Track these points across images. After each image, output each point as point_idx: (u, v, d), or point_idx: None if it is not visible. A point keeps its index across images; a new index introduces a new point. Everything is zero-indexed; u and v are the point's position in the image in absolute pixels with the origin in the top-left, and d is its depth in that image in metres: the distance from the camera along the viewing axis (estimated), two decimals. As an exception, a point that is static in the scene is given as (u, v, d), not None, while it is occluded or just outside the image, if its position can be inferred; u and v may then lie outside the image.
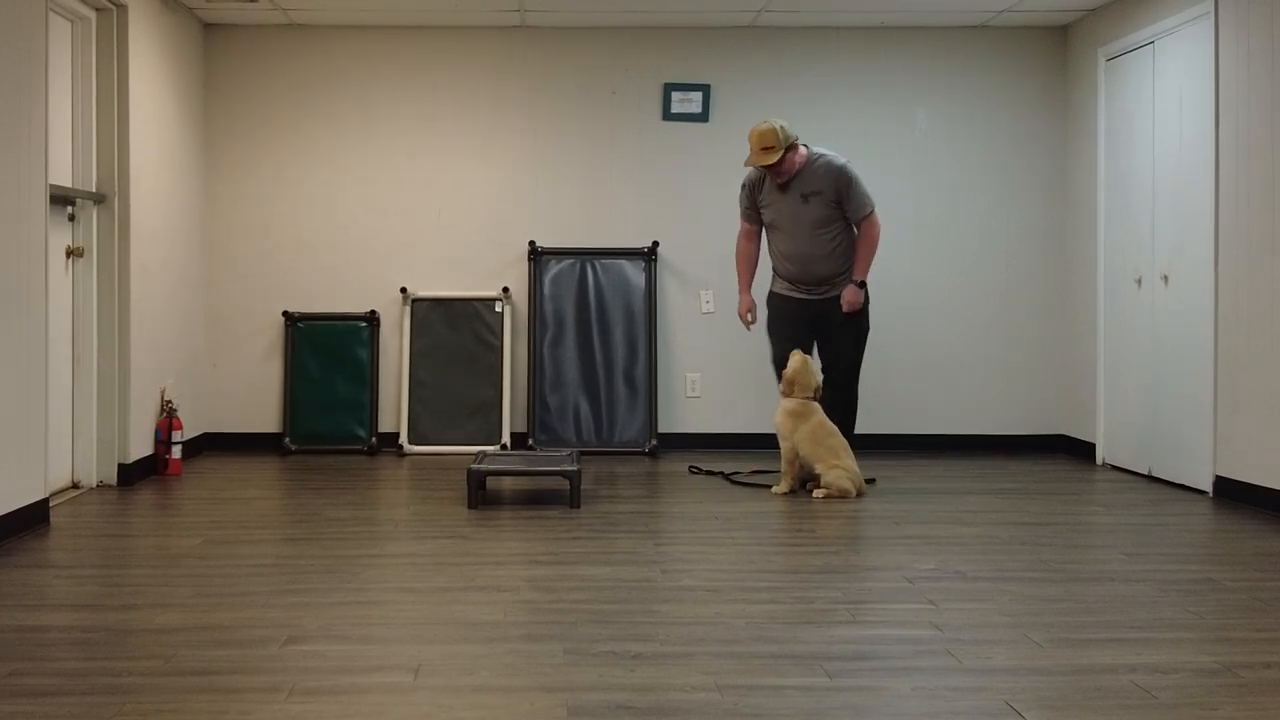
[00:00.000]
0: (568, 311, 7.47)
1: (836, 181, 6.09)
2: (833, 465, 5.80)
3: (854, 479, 5.83)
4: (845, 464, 5.83)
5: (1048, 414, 7.61)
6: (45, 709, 2.88)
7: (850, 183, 6.10)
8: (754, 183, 6.26)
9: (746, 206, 6.32)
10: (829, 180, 6.10)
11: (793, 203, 6.12)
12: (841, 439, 5.90)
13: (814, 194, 6.09)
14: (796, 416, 5.85)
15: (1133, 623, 3.66)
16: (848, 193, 6.11)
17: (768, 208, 6.21)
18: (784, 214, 6.14)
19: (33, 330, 5.03)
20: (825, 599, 3.94)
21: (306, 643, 3.42)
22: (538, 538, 4.88)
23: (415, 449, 7.35)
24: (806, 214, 6.09)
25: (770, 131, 5.98)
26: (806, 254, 6.13)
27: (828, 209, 6.09)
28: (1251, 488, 5.61)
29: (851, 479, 5.82)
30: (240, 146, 7.49)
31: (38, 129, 5.08)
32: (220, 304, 7.49)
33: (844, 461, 5.83)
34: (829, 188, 6.09)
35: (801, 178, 6.10)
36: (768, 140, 5.98)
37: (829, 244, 6.13)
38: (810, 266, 6.15)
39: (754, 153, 6.03)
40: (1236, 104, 5.73)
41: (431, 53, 7.54)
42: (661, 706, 2.92)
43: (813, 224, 6.10)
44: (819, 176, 6.10)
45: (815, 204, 6.09)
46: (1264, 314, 5.52)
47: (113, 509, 5.52)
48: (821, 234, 6.12)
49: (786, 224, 6.15)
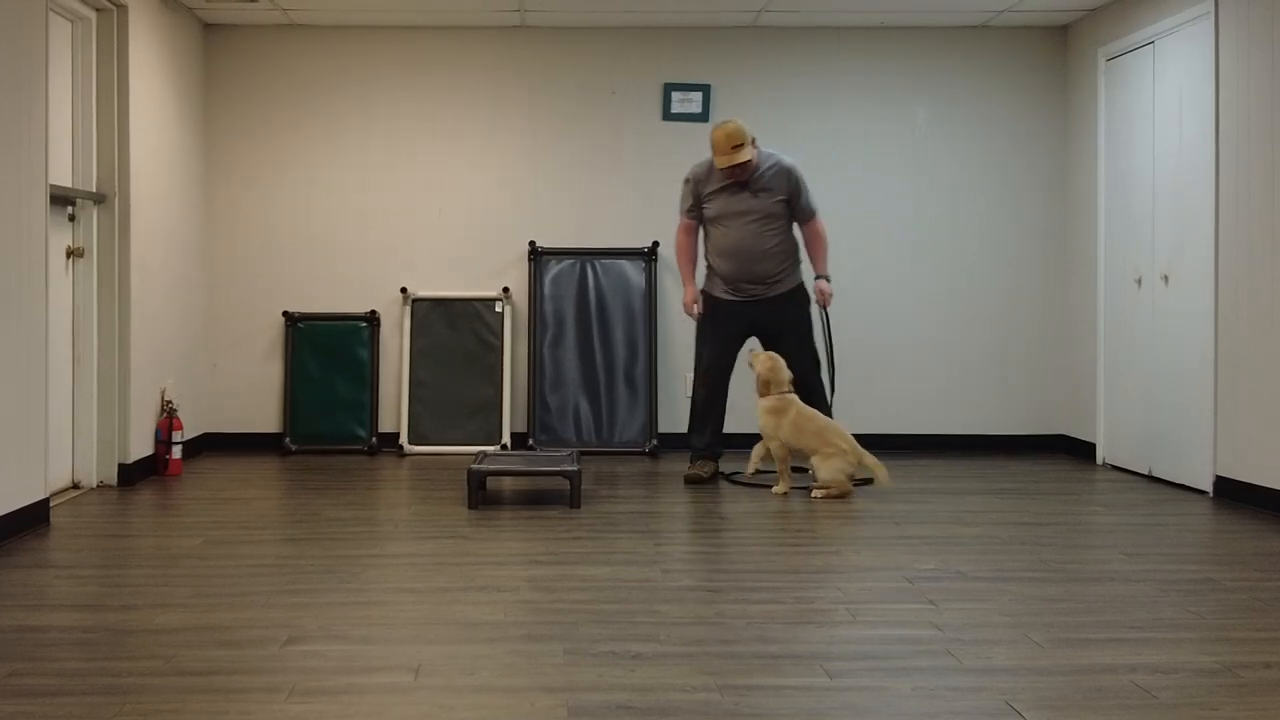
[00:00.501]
0: (568, 311, 7.47)
1: (789, 181, 6.18)
2: (828, 455, 5.78)
3: (851, 463, 5.80)
4: (838, 444, 5.80)
5: (1048, 414, 7.61)
6: (45, 709, 2.88)
7: (801, 182, 6.21)
8: (700, 177, 6.25)
9: (690, 201, 6.29)
10: (781, 179, 6.17)
11: (742, 198, 6.14)
12: (826, 420, 5.90)
13: (764, 191, 6.15)
14: (777, 413, 5.87)
15: (1133, 623, 3.66)
16: (798, 192, 6.20)
17: (713, 202, 6.20)
18: (731, 209, 6.16)
19: (33, 330, 5.03)
20: (825, 599, 3.94)
21: (307, 643, 3.42)
22: (538, 538, 4.88)
23: (415, 449, 7.35)
24: (754, 208, 6.13)
25: (738, 130, 6.00)
26: (750, 249, 6.15)
27: (776, 206, 6.16)
28: (1252, 488, 5.61)
29: (848, 466, 5.79)
30: (240, 146, 7.50)
31: (38, 129, 5.08)
32: (220, 304, 7.50)
33: (836, 443, 5.81)
34: (781, 186, 6.17)
35: (754, 174, 6.15)
36: (737, 139, 6.01)
37: (773, 241, 6.17)
38: (751, 264, 6.16)
39: (723, 153, 6.03)
40: (1236, 104, 5.73)
41: (431, 53, 7.54)
42: (662, 707, 2.92)
43: (758, 219, 6.14)
44: (771, 174, 6.17)
45: (765, 200, 6.15)
46: (1264, 314, 5.52)
47: (113, 509, 5.53)
48: (768, 230, 6.15)
49: (731, 218, 6.16)
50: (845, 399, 7.56)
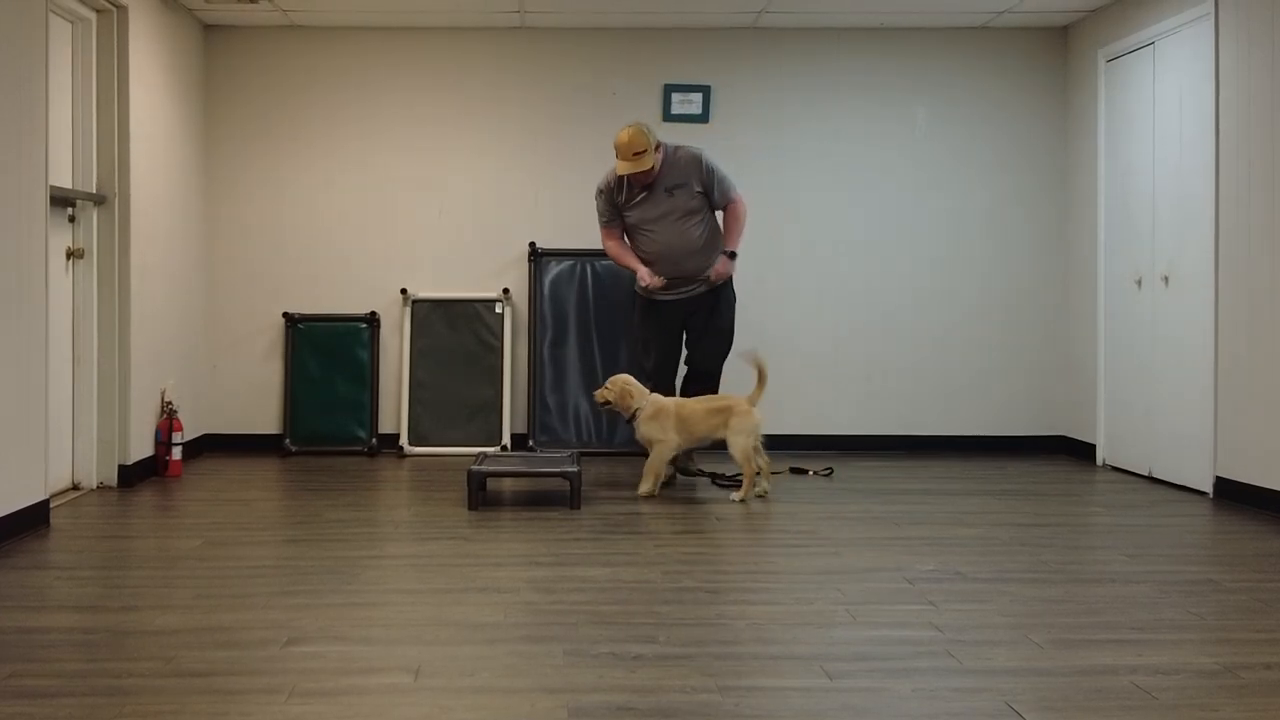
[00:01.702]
0: (568, 312, 7.47)
1: (699, 170, 6.10)
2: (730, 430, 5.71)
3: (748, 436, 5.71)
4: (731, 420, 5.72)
5: (1048, 415, 7.60)
6: (46, 710, 2.88)
7: (712, 169, 6.12)
8: (612, 186, 6.18)
9: (608, 213, 6.24)
10: (691, 170, 6.10)
11: (658, 199, 6.09)
12: (695, 402, 5.86)
13: (678, 186, 6.08)
14: (659, 417, 5.82)
15: (1133, 624, 3.66)
16: (712, 180, 6.12)
17: (631, 209, 6.15)
18: (649, 212, 6.12)
19: (33, 331, 5.03)
20: (825, 600, 3.93)
21: (307, 644, 3.42)
22: (538, 539, 4.88)
23: (415, 450, 7.35)
24: (673, 206, 6.08)
25: (640, 135, 5.93)
26: (675, 248, 6.10)
27: (693, 199, 6.09)
28: (1252, 488, 5.61)
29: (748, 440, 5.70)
30: (240, 147, 7.49)
31: (38, 130, 5.08)
32: (220, 305, 7.49)
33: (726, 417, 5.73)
34: (692, 178, 6.09)
35: (662, 174, 6.08)
36: (638, 145, 5.94)
37: (697, 235, 6.12)
38: (679, 263, 6.12)
39: (625, 161, 5.97)
40: (1236, 104, 5.73)
41: (431, 54, 7.54)
42: (662, 708, 2.92)
43: (679, 216, 6.09)
44: (680, 168, 6.10)
45: (680, 196, 6.08)
46: (1264, 314, 5.52)
47: (113, 510, 5.52)
48: (689, 226, 6.10)
49: (653, 222, 6.12)
50: (845, 400, 7.56)
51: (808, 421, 7.48)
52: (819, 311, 7.57)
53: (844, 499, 5.85)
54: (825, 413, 7.54)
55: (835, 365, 7.56)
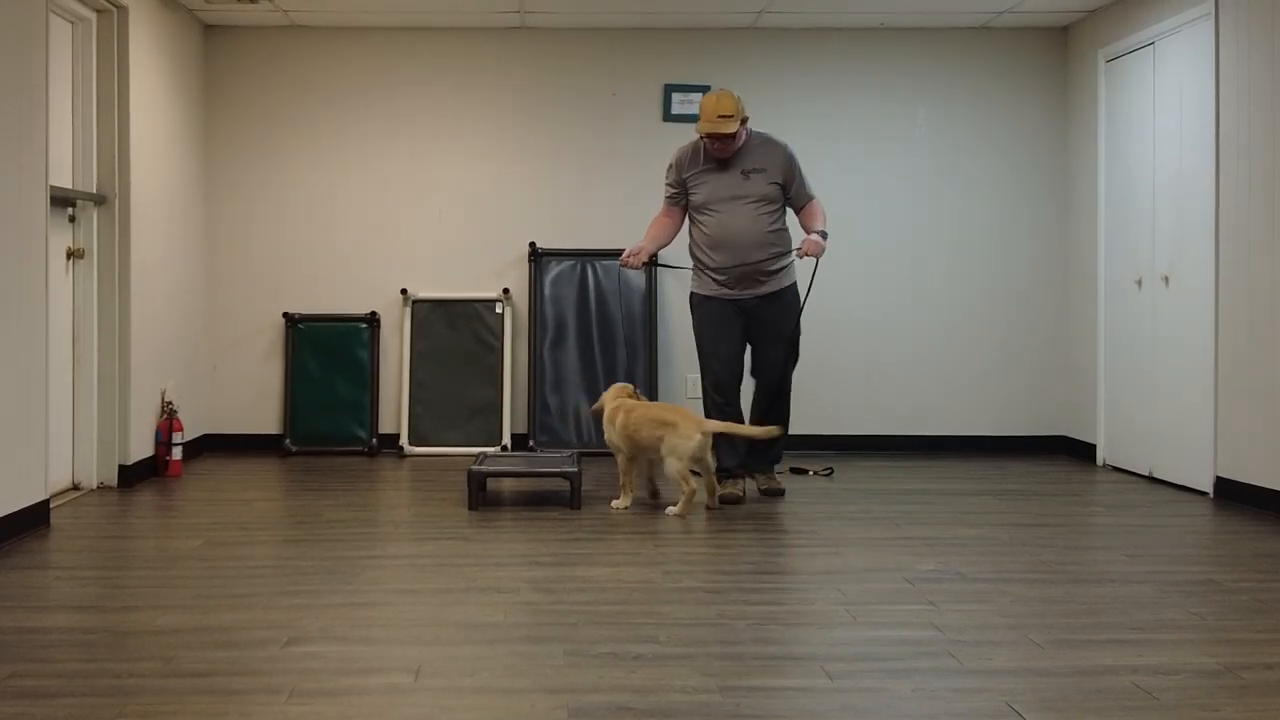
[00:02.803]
0: (568, 313, 7.47)
1: (783, 161, 5.73)
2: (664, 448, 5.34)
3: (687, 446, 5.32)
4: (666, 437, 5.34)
5: (1048, 415, 7.60)
6: (46, 710, 2.88)
7: (797, 165, 5.76)
8: (684, 160, 5.78)
9: (673, 189, 5.82)
10: (774, 158, 5.72)
11: (732, 179, 5.68)
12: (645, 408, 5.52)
13: (756, 171, 5.69)
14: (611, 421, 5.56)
15: (1134, 624, 3.66)
16: (794, 174, 5.75)
17: (700, 187, 5.73)
18: (720, 191, 5.69)
19: (33, 332, 5.03)
20: (826, 600, 3.93)
21: (307, 644, 3.42)
22: (538, 539, 4.88)
23: (415, 450, 7.35)
24: (747, 190, 5.66)
25: (729, 98, 5.57)
26: (742, 234, 5.64)
27: (770, 189, 5.69)
28: (1252, 489, 5.61)
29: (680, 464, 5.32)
30: (240, 148, 7.49)
31: (38, 130, 5.08)
32: (221, 305, 7.49)
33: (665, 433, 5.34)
34: (773, 166, 5.71)
35: (743, 154, 5.69)
36: (726, 107, 5.55)
37: (767, 226, 5.68)
38: (743, 253, 5.65)
39: (708, 120, 5.56)
40: (1236, 104, 5.73)
41: (431, 54, 7.54)
42: (662, 708, 2.91)
43: (751, 201, 5.66)
44: (762, 153, 5.73)
45: (757, 181, 5.68)
46: (1264, 314, 5.52)
47: (113, 510, 5.52)
48: (760, 214, 5.67)
49: (721, 203, 5.68)
50: (845, 402, 7.56)
51: (808, 421, 7.47)
52: (819, 311, 7.56)
53: (844, 499, 5.85)
54: (825, 413, 7.54)
55: (835, 365, 7.55)
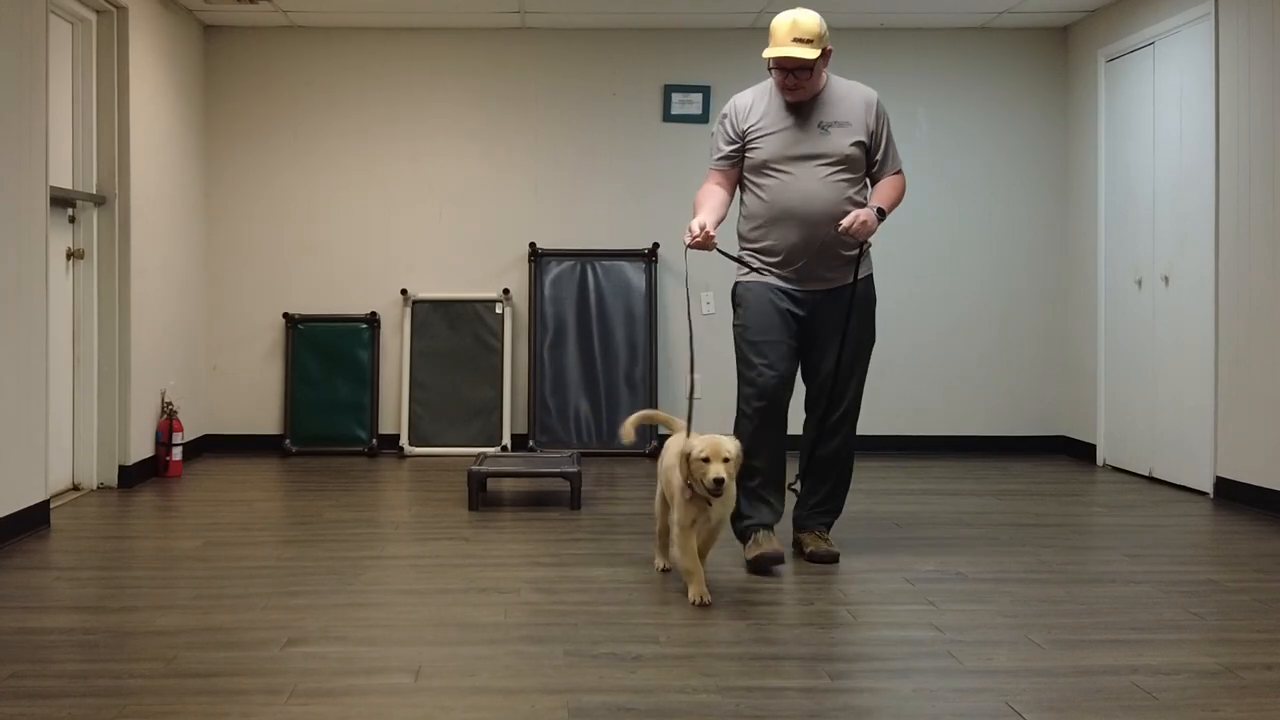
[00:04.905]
0: (568, 313, 7.47)
1: (873, 115, 4.44)
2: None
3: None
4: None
5: (1048, 415, 7.60)
6: (46, 710, 2.88)
7: (887, 121, 4.48)
8: (743, 108, 4.45)
9: (727, 146, 4.46)
10: (862, 111, 4.41)
11: (807, 132, 4.36)
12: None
13: (837, 125, 4.38)
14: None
15: (1134, 624, 3.66)
16: (883, 133, 4.46)
17: (764, 140, 4.39)
18: (789, 148, 4.36)
19: (33, 332, 5.03)
20: (826, 600, 3.93)
21: (307, 644, 3.42)
22: (538, 539, 4.88)
23: (416, 450, 7.35)
24: (823, 148, 4.35)
25: (812, 20, 4.26)
26: (812, 203, 4.32)
27: (854, 149, 4.38)
28: (1252, 488, 5.61)
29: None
30: (240, 148, 7.49)
31: (38, 131, 5.08)
32: (221, 306, 7.49)
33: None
34: (860, 120, 4.40)
35: (822, 102, 4.40)
36: (805, 29, 4.22)
37: (842, 195, 4.36)
38: (812, 230, 4.33)
39: (780, 43, 4.24)
40: (1236, 104, 5.73)
41: (431, 54, 7.54)
42: (663, 708, 2.91)
43: (828, 163, 4.35)
44: (848, 104, 4.42)
45: (837, 136, 4.37)
46: (1264, 314, 5.52)
47: (113, 511, 5.52)
48: (839, 179, 4.36)
49: (790, 162, 4.36)
50: (846, 400, 7.56)
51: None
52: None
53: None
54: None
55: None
